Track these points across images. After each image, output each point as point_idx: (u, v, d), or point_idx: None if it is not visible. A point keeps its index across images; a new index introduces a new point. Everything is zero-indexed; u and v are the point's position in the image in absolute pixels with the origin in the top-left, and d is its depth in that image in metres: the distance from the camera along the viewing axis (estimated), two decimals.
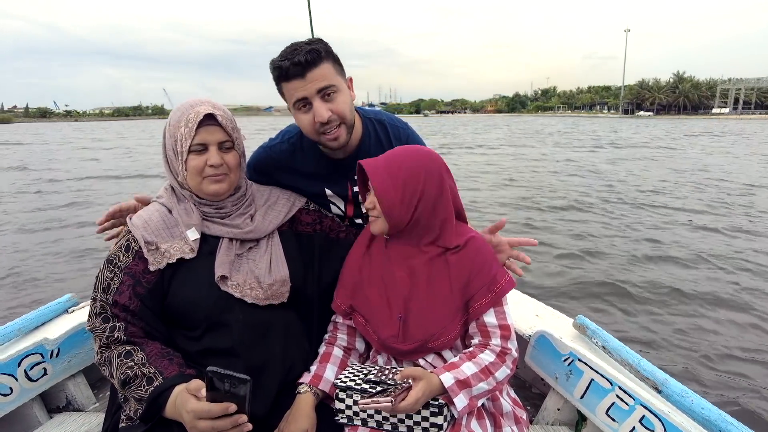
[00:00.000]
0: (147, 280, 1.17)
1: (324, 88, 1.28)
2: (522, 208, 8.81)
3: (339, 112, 1.31)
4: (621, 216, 7.88)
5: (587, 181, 11.82)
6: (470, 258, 1.22)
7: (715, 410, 1.22)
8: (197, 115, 1.17)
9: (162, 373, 1.07)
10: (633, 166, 15.18)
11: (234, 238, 1.26)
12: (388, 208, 1.19)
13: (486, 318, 1.20)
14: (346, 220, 1.57)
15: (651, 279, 4.88)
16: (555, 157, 18.20)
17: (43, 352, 1.62)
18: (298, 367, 1.26)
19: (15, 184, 12.55)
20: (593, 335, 1.59)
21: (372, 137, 1.52)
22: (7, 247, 6.51)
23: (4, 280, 5.19)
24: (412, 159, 1.22)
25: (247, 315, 1.20)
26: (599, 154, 19.60)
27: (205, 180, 1.22)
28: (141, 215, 1.25)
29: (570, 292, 4.62)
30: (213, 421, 0.93)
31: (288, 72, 1.25)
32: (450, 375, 1.09)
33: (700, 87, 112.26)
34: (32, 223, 7.87)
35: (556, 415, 1.67)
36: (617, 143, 25.48)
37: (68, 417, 1.66)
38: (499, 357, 1.18)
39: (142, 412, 1.05)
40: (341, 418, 1.16)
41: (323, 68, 1.27)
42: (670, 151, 20.47)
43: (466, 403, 1.09)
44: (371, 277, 1.28)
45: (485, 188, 11.27)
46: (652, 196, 9.58)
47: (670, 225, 7.17)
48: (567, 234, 6.81)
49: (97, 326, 1.13)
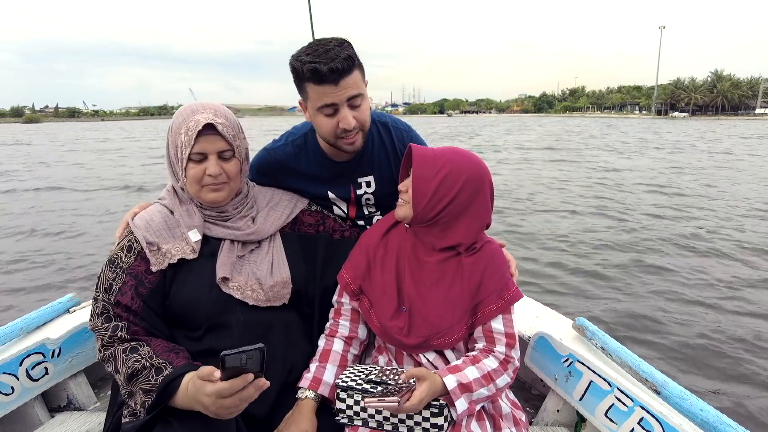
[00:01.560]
0: (149, 281, 1.18)
1: (353, 97, 1.28)
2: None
3: (362, 121, 1.32)
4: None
5: (698, 203, 9.10)
6: (484, 262, 1.22)
7: (713, 412, 1.22)
8: (197, 124, 1.16)
9: (171, 363, 1.07)
10: (720, 177, 12.56)
11: (235, 240, 1.27)
12: (417, 197, 1.20)
13: (493, 324, 1.20)
14: (348, 222, 1.58)
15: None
16: (616, 166, 15.48)
17: (45, 352, 1.63)
18: (298, 368, 1.27)
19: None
20: (593, 336, 1.60)
21: (376, 140, 1.52)
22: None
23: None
24: (460, 161, 1.22)
25: (247, 316, 1.20)
26: (663, 160, 17.05)
27: (204, 189, 1.22)
28: (143, 216, 1.26)
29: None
30: (238, 394, 0.93)
31: (324, 76, 1.22)
32: (453, 378, 1.10)
33: (740, 86, 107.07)
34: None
35: (555, 417, 1.68)
36: (678, 147, 22.98)
37: (69, 416, 1.66)
38: (502, 365, 1.18)
39: (152, 402, 1.04)
40: (342, 418, 1.17)
41: (354, 76, 1.26)
42: (745, 158, 17.71)
43: (466, 407, 1.10)
44: (384, 263, 1.29)
45: (559, 207, 8.97)
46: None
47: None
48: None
49: (99, 326, 1.13)
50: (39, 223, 8.19)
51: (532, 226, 7.60)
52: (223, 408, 0.95)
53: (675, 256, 5.89)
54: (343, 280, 1.33)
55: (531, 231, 7.27)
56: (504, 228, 7.38)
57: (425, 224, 1.24)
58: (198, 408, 0.99)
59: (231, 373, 0.92)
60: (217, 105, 1.24)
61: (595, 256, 5.94)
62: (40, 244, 6.92)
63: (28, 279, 5.45)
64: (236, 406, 0.95)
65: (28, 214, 9.04)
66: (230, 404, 0.94)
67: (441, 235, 1.24)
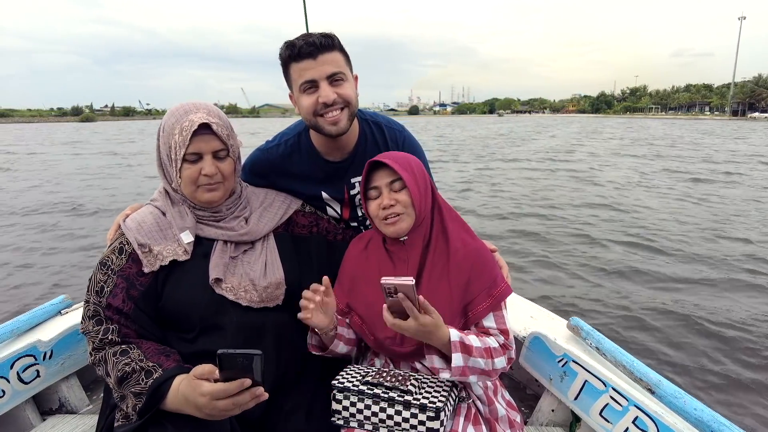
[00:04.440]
0: (141, 283, 1.17)
1: (333, 74, 1.30)
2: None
3: (344, 96, 1.32)
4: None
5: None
6: (470, 260, 1.22)
7: (707, 411, 1.23)
8: (191, 124, 1.16)
9: (161, 366, 1.07)
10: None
11: (228, 241, 1.26)
12: (419, 201, 1.21)
13: (485, 322, 1.21)
14: (341, 223, 1.57)
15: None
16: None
17: (36, 354, 1.61)
18: (291, 369, 1.26)
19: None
20: (587, 336, 1.60)
21: (369, 139, 1.52)
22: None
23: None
24: (402, 154, 1.29)
25: (241, 318, 1.19)
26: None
27: (200, 189, 1.21)
28: (134, 218, 1.25)
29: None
30: (233, 398, 0.93)
31: (300, 51, 1.26)
32: (457, 333, 1.11)
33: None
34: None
35: (550, 416, 1.68)
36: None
37: (61, 419, 1.64)
38: (502, 348, 1.18)
39: (142, 405, 1.03)
40: (337, 419, 1.16)
41: (334, 54, 1.30)
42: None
43: (461, 364, 1.09)
44: (368, 277, 1.28)
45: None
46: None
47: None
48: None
49: (91, 329, 1.12)
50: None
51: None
52: (217, 410, 0.94)
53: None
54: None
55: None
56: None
57: (425, 218, 1.24)
58: (189, 410, 0.99)
59: (229, 375, 0.92)
60: (209, 105, 1.24)
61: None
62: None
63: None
64: (229, 410, 0.94)
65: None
66: (224, 407, 0.94)
67: (432, 225, 1.26)
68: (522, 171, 14.48)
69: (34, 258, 6.10)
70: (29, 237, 7.11)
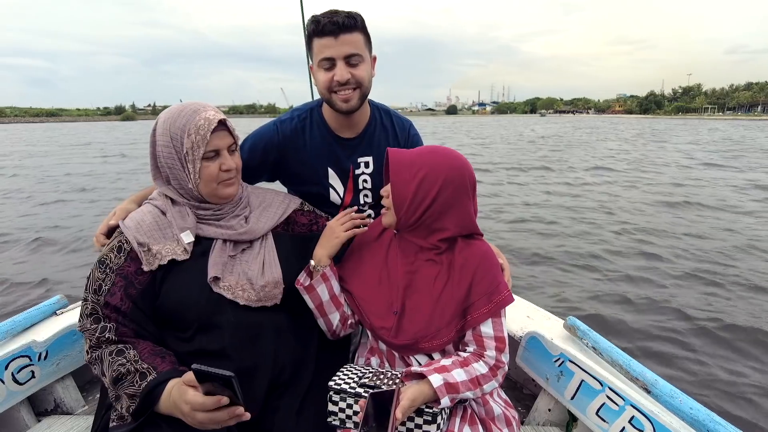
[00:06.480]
0: (139, 281, 1.16)
1: (351, 55, 1.36)
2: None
3: (358, 78, 1.39)
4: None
5: None
6: (474, 264, 1.20)
7: (703, 410, 1.23)
8: (208, 122, 1.18)
9: (155, 368, 1.07)
10: None
11: (227, 240, 1.26)
12: (397, 204, 1.21)
13: (483, 328, 1.18)
14: (341, 209, 1.59)
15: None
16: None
17: (31, 355, 1.60)
18: (288, 369, 1.26)
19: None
20: (584, 336, 1.61)
21: (378, 122, 1.60)
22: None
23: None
24: (437, 162, 1.19)
25: (238, 317, 1.19)
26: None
27: (221, 185, 1.24)
28: (133, 217, 1.24)
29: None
30: (210, 414, 0.94)
31: (324, 28, 1.32)
32: (440, 377, 1.09)
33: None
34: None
35: (546, 416, 1.68)
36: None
37: (57, 420, 1.63)
38: (492, 370, 1.16)
39: (136, 407, 1.04)
40: (333, 420, 1.16)
41: (355, 36, 1.35)
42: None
43: (449, 404, 1.09)
44: (374, 263, 1.30)
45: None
46: None
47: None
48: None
49: (88, 327, 1.12)
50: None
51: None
52: (196, 421, 0.96)
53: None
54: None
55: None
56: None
57: (410, 228, 1.23)
58: (178, 415, 1.00)
59: (210, 389, 0.92)
60: (208, 103, 1.24)
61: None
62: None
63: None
64: (206, 424, 0.95)
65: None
66: (202, 419, 0.95)
67: (426, 235, 1.23)
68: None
69: (29, 257, 6.06)
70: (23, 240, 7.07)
